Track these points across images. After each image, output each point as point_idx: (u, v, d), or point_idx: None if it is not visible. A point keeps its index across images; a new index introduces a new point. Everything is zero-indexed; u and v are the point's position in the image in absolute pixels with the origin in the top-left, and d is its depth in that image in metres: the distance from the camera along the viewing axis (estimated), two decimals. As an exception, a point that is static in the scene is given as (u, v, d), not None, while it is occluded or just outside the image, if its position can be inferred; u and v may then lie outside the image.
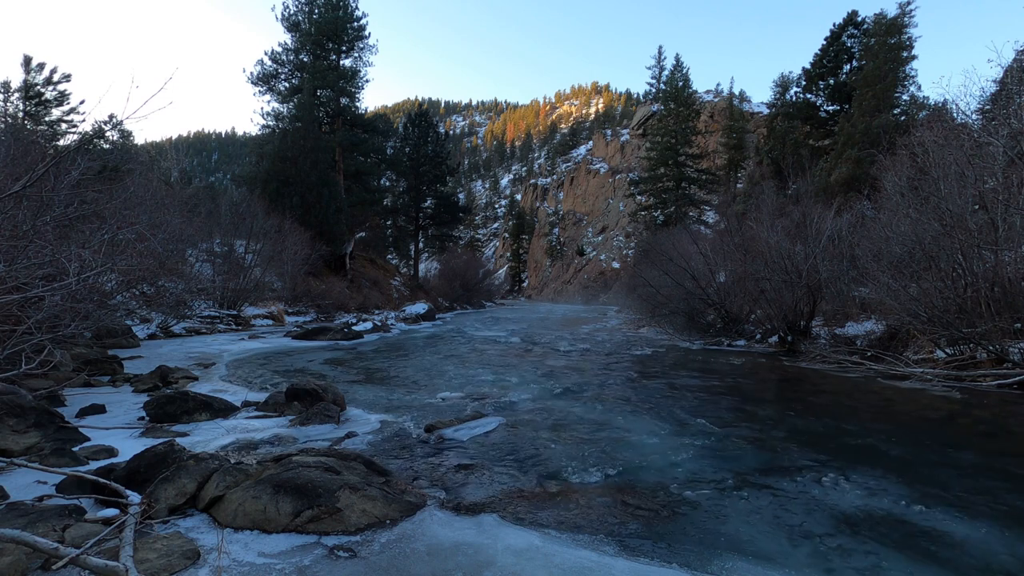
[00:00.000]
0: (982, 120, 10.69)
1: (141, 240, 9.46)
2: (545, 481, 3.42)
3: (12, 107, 20.69)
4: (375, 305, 22.79)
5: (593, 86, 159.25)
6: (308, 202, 21.82)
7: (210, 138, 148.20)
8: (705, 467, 3.75)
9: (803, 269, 10.36)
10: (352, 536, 2.57)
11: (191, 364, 7.97)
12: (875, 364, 8.23)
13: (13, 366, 4.59)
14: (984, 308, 7.46)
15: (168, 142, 60.19)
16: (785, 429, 4.84)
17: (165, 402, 4.77)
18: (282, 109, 26.60)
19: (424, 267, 41.17)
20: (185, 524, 2.63)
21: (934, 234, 8.07)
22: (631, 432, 4.64)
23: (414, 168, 31.77)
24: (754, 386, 7.37)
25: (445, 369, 8.41)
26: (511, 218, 77.62)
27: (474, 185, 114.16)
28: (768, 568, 2.36)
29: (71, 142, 18.62)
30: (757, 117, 43.58)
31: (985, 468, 3.81)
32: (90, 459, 3.53)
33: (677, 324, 13.72)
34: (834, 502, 3.12)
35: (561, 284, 57.93)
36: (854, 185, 18.23)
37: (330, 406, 5.02)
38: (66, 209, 6.84)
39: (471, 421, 4.88)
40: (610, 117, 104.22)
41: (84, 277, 5.25)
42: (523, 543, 2.52)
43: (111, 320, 9.12)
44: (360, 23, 27.44)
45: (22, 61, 20.95)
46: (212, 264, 16.07)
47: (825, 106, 24.71)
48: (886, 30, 20.40)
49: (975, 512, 2.99)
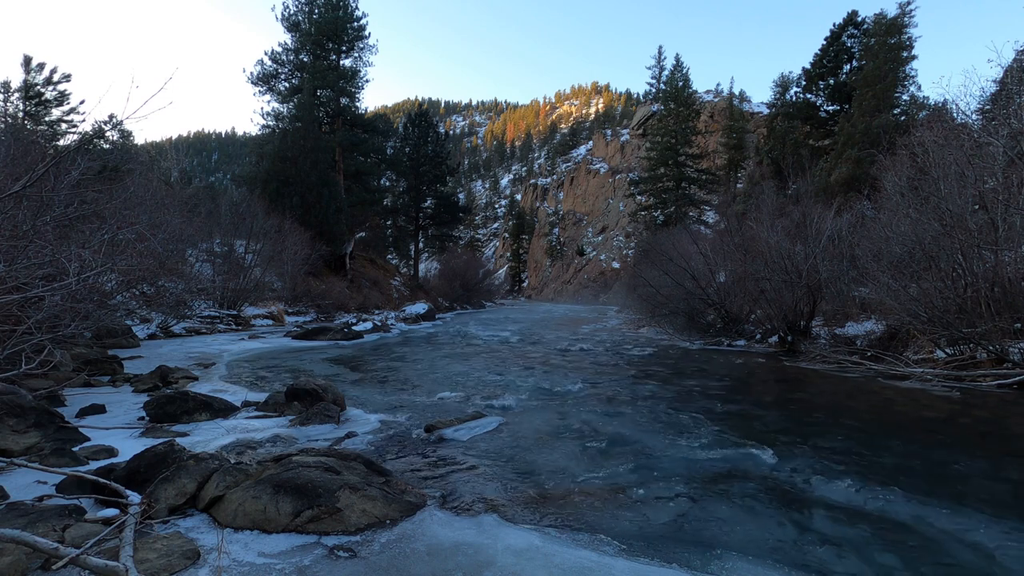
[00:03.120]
0: (982, 120, 10.69)
1: (141, 240, 9.46)
2: (545, 481, 3.42)
3: (12, 107, 20.69)
4: (375, 305, 22.79)
5: (593, 86, 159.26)
6: (308, 202, 21.83)
7: (210, 138, 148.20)
8: (705, 467, 3.75)
9: (803, 269, 10.36)
10: (352, 536, 2.57)
11: (191, 364, 7.97)
12: (875, 364, 8.23)
13: (13, 366, 4.59)
14: (984, 308, 7.46)
15: (168, 142, 60.19)
16: (785, 429, 4.84)
17: (165, 402, 4.77)
18: (282, 109, 26.62)
19: (424, 267, 41.17)
20: (185, 524, 2.63)
21: (934, 234, 8.07)
22: (631, 432, 4.64)
23: (414, 168, 31.77)
24: (754, 386, 7.37)
25: (445, 369, 8.41)
26: (511, 218, 77.64)
27: (474, 185, 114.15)
28: (768, 568, 2.36)
29: (71, 142, 18.63)
30: (757, 117, 43.58)
31: (985, 468, 3.81)
32: (90, 459, 3.52)
33: (677, 324, 13.72)
34: (834, 502, 3.12)
35: (561, 284, 57.93)
36: (854, 185, 18.23)
37: (330, 406, 5.02)
38: (66, 209, 6.84)
39: (471, 421, 4.88)
40: (610, 117, 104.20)
41: (84, 277, 5.25)
42: (523, 543, 2.52)
43: (111, 320, 9.12)
44: (360, 23, 27.46)
45: (22, 61, 20.96)
46: (212, 264, 16.07)
47: (825, 106, 24.71)
48: (886, 30, 20.40)
49: (975, 512, 2.99)
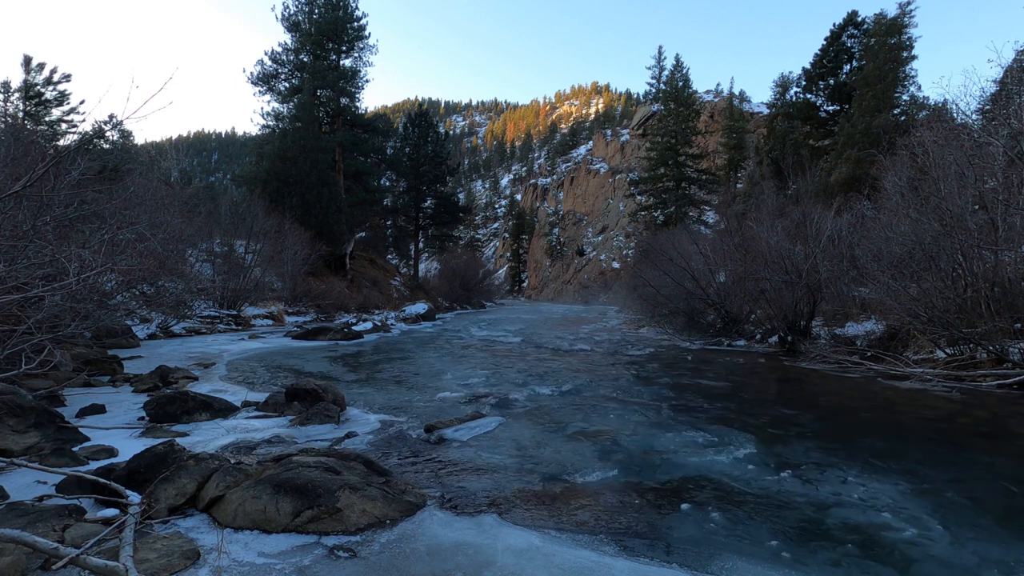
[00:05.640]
0: (982, 120, 10.69)
1: (141, 240, 9.46)
2: (545, 481, 3.42)
3: (12, 107, 20.68)
4: (375, 305, 22.78)
5: (593, 86, 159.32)
6: (308, 202, 21.82)
7: (210, 138, 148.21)
8: (705, 467, 3.75)
9: (803, 269, 10.35)
10: (352, 536, 2.57)
11: (191, 364, 7.97)
12: (875, 364, 8.22)
13: (13, 366, 4.60)
14: (984, 308, 7.45)
15: (168, 142, 60.26)
16: (784, 430, 4.84)
17: (165, 402, 4.77)
18: (282, 109, 26.62)
19: (424, 267, 41.19)
20: (185, 524, 2.63)
21: (934, 234, 8.06)
22: (631, 432, 4.64)
23: (414, 168, 31.76)
24: (754, 386, 7.37)
25: (445, 369, 8.41)
26: (511, 218, 77.68)
27: (474, 185, 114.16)
28: (768, 568, 2.36)
29: (71, 142, 18.64)
30: (757, 117, 43.60)
31: (985, 468, 3.81)
32: (90, 459, 3.52)
33: (677, 324, 13.72)
34: (834, 502, 3.12)
35: (561, 284, 57.92)
36: (854, 185, 18.22)
37: (330, 406, 5.02)
38: (66, 209, 6.84)
39: (471, 421, 4.88)
40: (610, 117, 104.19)
41: (84, 277, 5.25)
42: (523, 543, 2.52)
43: (111, 320, 9.12)
44: (360, 23, 27.45)
45: (22, 61, 20.94)
46: (212, 264, 16.07)
47: (825, 106, 24.71)
48: (886, 30, 20.40)
49: (974, 512, 2.99)
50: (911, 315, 7.96)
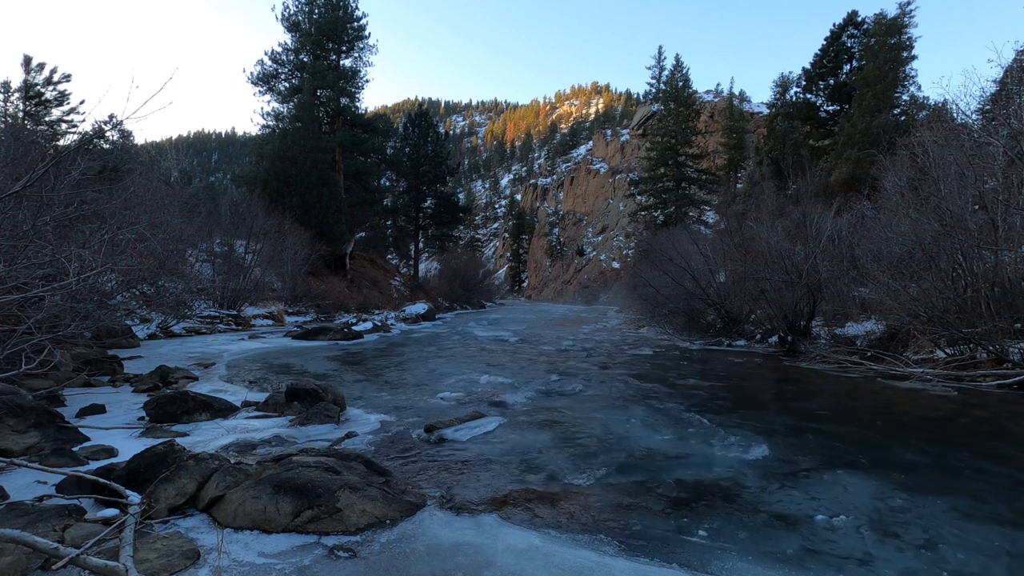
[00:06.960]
0: (982, 120, 10.69)
1: (141, 240, 9.46)
2: (545, 481, 3.42)
3: (12, 107, 20.68)
4: (375, 305, 22.78)
5: (593, 86, 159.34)
6: (308, 202, 21.82)
7: (210, 138, 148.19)
8: (704, 467, 3.75)
9: (803, 269, 10.35)
10: (352, 536, 2.57)
11: (191, 364, 7.97)
12: (875, 364, 8.22)
13: (13, 366, 4.60)
14: (984, 308, 7.45)
15: (168, 142, 60.27)
16: (784, 429, 4.84)
17: (165, 402, 4.77)
18: (282, 109, 26.62)
19: (424, 267, 41.20)
20: (185, 524, 2.63)
21: (934, 234, 8.06)
22: (631, 432, 4.64)
23: (414, 168, 31.76)
24: (754, 386, 7.37)
25: (445, 369, 8.41)
26: (511, 218, 77.69)
27: (474, 185, 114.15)
28: (768, 568, 2.36)
29: (71, 142, 18.63)
30: (757, 117, 43.61)
31: (985, 468, 3.81)
32: (90, 459, 3.52)
33: (677, 324, 13.72)
34: (833, 502, 3.12)
35: (561, 284, 57.92)
36: (854, 185, 18.22)
37: (330, 406, 5.02)
38: (66, 209, 6.84)
39: (471, 421, 4.88)
40: (610, 117, 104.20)
41: (84, 277, 5.25)
42: (523, 543, 2.52)
43: (111, 320, 9.12)
44: (360, 23, 27.46)
45: (22, 61, 20.94)
46: (212, 264, 16.07)
47: (825, 106, 24.71)
48: (886, 30, 20.40)
49: (974, 512, 2.99)
50: (911, 315, 7.96)
